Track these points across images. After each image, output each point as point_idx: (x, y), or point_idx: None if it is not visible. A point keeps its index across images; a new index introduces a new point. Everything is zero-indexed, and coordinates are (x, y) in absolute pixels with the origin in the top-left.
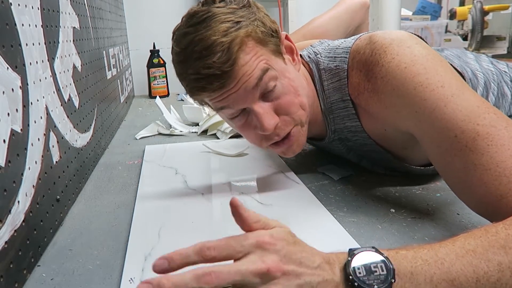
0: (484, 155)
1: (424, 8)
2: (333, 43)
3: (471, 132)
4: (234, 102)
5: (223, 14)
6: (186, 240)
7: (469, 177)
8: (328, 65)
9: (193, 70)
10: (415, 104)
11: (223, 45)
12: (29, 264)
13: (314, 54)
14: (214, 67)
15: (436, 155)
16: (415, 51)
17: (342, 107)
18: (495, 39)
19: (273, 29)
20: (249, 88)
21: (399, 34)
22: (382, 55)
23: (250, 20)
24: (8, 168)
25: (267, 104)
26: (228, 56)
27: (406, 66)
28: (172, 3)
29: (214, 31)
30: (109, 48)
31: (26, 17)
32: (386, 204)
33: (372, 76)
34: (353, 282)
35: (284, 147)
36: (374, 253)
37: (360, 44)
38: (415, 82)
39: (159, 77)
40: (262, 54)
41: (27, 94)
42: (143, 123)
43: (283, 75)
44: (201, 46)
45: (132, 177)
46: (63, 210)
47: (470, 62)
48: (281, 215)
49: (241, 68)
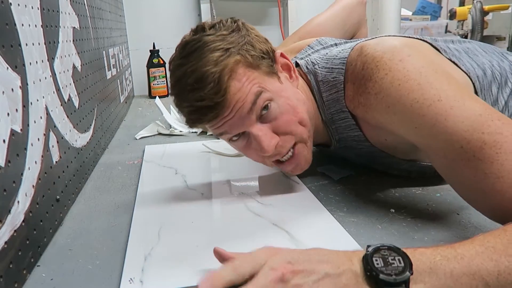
0: (494, 163)
1: (424, 8)
2: (331, 51)
3: (477, 142)
4: (232, 128)
5: (213, 43)
6: (186, 240)
7: (481, 186)
8: (326, 77)
9: (187, 103)
10: (413, 120)
11: (214, 75)
12: (28, 264)
13: (312, 65)
14: (206, 98)
15: (443, 165)
16: (408, 65)
17: (342, 118)
18: (495, 39)
19: (264, 51)
20: (244, 113)
21: (391, 45)
22: (374, 70)
23: (240, 45)
24: (8, 168)
25: (266, 125)
26: (219, 87)
27: (399, 83)
28: (172, 3)
29: (205, 62)
30: (109, 48)
31: (26, 17)
32: (386, 204)
33: (364, 91)
34: (371, 271)
35: (292, 166)
36: (392, 248)
37: (353, 56)
38: (410, 99)
39: (159, 77)
40: (255, 77)
41: (27, 94)
42: (143, 123)
43: (278, 95)
44: (193, 78)
45: (132, 177)
46: (63, 210)
47: (479, 56)
48: (281, 215)
49: (234, 96)
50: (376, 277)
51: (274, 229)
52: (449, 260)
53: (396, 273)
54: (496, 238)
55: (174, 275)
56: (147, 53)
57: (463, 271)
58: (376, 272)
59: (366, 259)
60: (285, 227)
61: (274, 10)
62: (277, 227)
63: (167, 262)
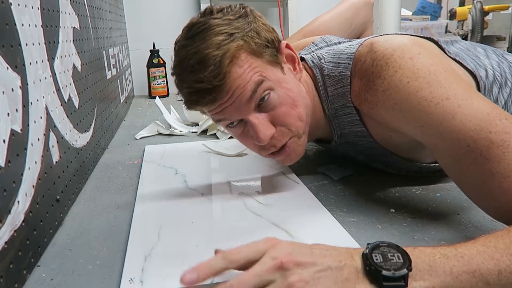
0: (501, 162)
1: (424, 8)
2: (338, 47)
3: (484, 141)
4: (230, 114)
5: (218, 26)
6: (186, 240)
7: (488, 186)
8: (332, 71)
9: (186, 84)
10: (420, 118)
11: (215, 58)
12: (29, 264)
13: (318, 59)
14: (205, 81)
15: (449, 164)
16: (417, 63)
17: (346, 113)
18: (495, 39)
19: (269, 39)
20: (244, 101)
21: (401, 43)
22: (384, 67)
23: (244, 32)
24: (8, 168)
25: (264, 114)
26: (219, 70)
27: (408, 80)
28: (172, 3)
29: (208, 44)
30: (109, 48)
31: (26, 17)
32: (386, 204)
33: (372, 87)
34: (371, 266)
35: (282, 157)
36: (391, 245)
37: (362, 52)
38: (418, 96)
39: (159, 77)
40: (257, 66)
41: (27, 94)
42: (143, 123)
43: (280, 85)
44: (195, 60)
45: (132, 177)
46: (63, 210)
47: (480, 57)
48: (281, 215)
49: (234, 82)
50: (376, 272)
51: (274, 229)
52: (449, 258)
53: (395, 268)
54: (498, 238)
55: (174, 275)
56: (147, 53)
57: (463, 269)
58: (375, 267)
59: (366, 255)
60: (285, 227)
61: (274, 10)
62: (277, 227)
63: (167, 262)
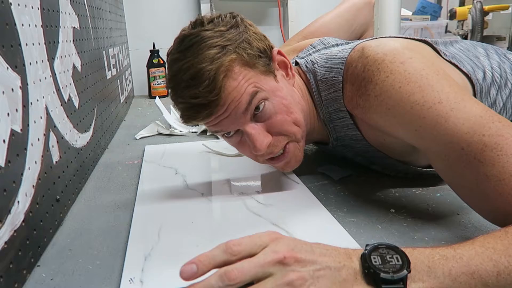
0: (495, 165)
1: (424, 8)
2: (331, 51)
3: (478, 144)
4: (226, 126)
5: (210, 39)
6: (186, 240)
7: (482, 189)
8: (325, 76)
9: (182, 99)
10: (413, 122)
11: (209, 73)
12: (28, 264)
13: (311, 64)
14: (200, 96)
15: (444, 168)
16: (409, 67)
17: (340, 117)
18: (495, 39)
19: (261, 49)
20: (239, 113)
21: (392, 47)
22: (375, 72)
23: (237, 43)
24: (8, 168)
25: (259, 124)
26: (213, 85)
27: (400, 85)
28: (172, 3)
29: (201, 59)
30: (109, 48)
31: (26, 17)
32: (386, 204)
33: (364, 93)
34: (369, 269)
35: (282, 163)
36: (390, 246)
37: (354, 56)
38: (411, 101)
39: (159, 77)
40: (251, 77)
41: (27, 94)
42: (143, 123)
43: (274, 94)
44: (189, 75)
45: (132, 177)
46: (63, 210)
47: (480, 57)
48: (281, 215)
49: (229, 95)
50: (374, 275)
51: (274, 229)
52: (448, 260)
53: (394, 271)
54: (496, 239)
55: (174, 275)
56: (147, 53)
57: (462, 270)
58: (374, 270)
59: (364, 257)
60: (285, 227)
61: (274, 10)
62: (277, 227)
63: (167, 262)
